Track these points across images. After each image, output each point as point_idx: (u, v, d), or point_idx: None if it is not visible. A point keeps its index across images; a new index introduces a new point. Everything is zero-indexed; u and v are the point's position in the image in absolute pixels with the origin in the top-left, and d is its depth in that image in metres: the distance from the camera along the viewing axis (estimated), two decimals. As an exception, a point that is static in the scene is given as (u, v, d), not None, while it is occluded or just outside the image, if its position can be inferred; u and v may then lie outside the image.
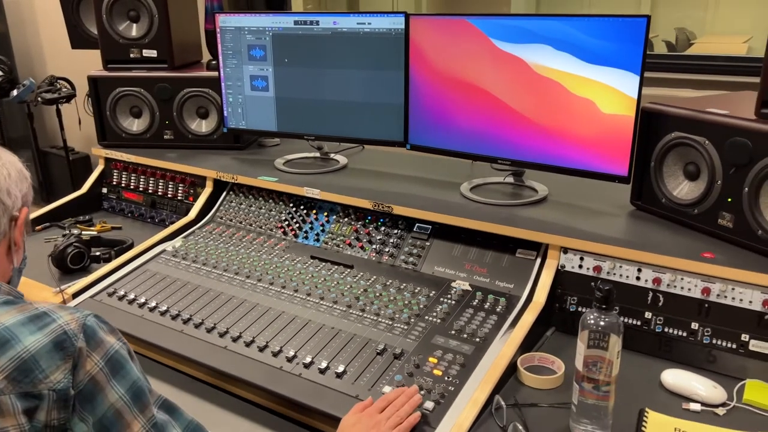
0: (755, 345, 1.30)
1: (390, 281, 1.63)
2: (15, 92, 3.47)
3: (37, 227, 2.14)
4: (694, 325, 1.36)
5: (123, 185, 2.31)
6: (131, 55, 2.31)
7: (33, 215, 2.17)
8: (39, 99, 3.45)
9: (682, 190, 1.52)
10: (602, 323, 1.11)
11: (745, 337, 1.30)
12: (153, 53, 2.31)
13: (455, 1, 6.53)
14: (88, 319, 0.83)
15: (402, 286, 1.61)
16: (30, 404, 0.75)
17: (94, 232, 2.05)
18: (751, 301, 1.29)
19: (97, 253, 1.89)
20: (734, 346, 1.32)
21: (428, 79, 1.79)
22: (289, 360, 1.38)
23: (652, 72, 1.45)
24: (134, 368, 0.87)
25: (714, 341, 1.34)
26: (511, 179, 1.84)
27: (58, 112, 3.57)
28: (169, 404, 0.94)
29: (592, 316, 1.13)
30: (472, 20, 1.67)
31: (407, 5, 6.13)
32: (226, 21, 2.04)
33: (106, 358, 0.82)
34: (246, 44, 2.03)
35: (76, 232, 1.97)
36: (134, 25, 2.32)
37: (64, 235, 1.94)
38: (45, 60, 4.11)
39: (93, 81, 2.28)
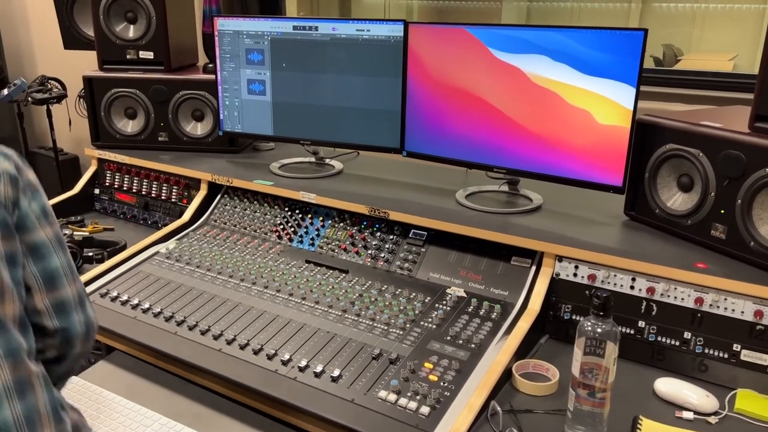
0: (747, 355, 1.31)
1: (385, 287, 1.63)
2: (5, 91, 3.42)
3: (28, 227, 2.12)
4: (687, 335, 1.37)
5: (116, 186, 2.30)
6: (127, 57, 2.31)
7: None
8: (29, 99, 3.42)
9: (676, 201, 1.54)
10: (599, 330, 1.12)
11: (736, 347, 1.32)
12: (149, 55, 2.30)
13: (447, 12, 6.57)
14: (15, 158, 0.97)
15: (397, 292, 1.61)
16: None
17: (87, 233, 2.04)
18: (743, 312, 1.31)
19: (90, 254, 1.88)
20: (726, 356, 1.34)
21: (426, 86, 1.80)
22: (284, 363, 1.37)
23: (641, 86, 1.48)
24: None
25: (706, 351, 1.36)
26: (506, 187, 1.85)
27: (49, 113, 3.53)
28: None
29: (589, 323, 1.14)
30: (471, 30, 1.69)
31: (399, 14, 6.18)
32: (224, 24, 2.04)
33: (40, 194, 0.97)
34: (244, 48, 2.04)
35: (68, 232, 1.95)
36: (131, 26, 2.31)
37: (55, 235, 1.92)
38: (36, 60, 4.08)
39: (88, 81, 2.27)
